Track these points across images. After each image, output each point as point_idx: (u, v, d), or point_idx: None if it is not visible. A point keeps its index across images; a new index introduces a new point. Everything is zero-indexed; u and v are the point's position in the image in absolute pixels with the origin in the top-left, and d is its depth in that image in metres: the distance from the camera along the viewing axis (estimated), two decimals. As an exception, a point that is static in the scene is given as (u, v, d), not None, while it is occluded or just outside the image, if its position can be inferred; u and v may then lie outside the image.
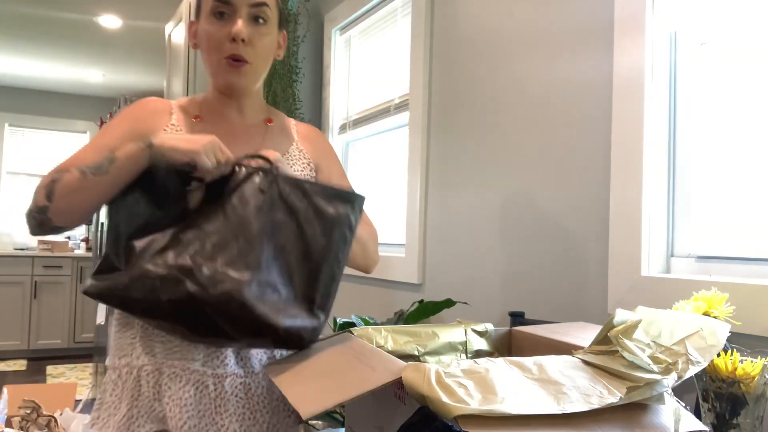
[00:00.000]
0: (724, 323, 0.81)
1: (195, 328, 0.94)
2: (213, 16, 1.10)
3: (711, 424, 0.83)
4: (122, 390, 1.05)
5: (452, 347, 1.01)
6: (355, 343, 0.89)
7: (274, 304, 0.94)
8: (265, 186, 0.98)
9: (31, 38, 4.70)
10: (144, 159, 0.98)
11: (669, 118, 1.36)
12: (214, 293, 0.91)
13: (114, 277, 0.96)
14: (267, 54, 1.14)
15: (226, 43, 1.09)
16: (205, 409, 1.03)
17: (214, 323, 0.92)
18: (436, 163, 2.06)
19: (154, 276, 0.93)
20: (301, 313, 0.96)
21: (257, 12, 1.10)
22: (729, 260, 1.24)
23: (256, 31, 1.11)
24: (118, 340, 1.09)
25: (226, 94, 1.17)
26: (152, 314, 0.95)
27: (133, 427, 1.02)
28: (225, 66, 1.10)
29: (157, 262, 0.94)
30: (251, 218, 0.96)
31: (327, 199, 1.00)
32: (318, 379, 0.77)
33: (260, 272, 0.94)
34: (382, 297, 2.35)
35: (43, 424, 1.29)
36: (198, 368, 1.04)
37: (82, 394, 4.33)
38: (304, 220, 0.99)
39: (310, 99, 2.96)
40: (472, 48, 1.92)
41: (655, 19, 1.35)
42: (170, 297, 0.91)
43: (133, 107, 1.16)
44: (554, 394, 0.64)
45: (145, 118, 1.13)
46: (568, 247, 1.53)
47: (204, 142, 0.96)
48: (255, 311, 0.92)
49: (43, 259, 5.61)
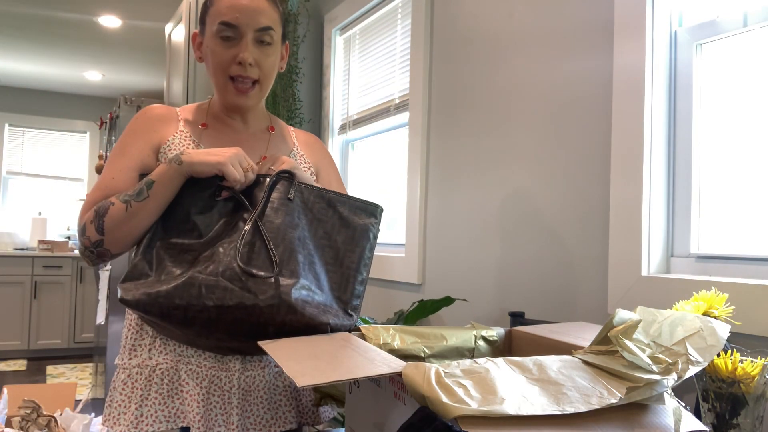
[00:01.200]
0: (724, 323, 0.81)
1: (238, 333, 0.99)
2: (219, 38, 1.12)
3: (711, 424, 0.83)
4: (132, 390, 1.08)
5: (460, 353, 1.00)
6: (353, 339, 0.89)
7: (317, 306, 1.01)
8: (291, 195, 1.05)
9: (31, 38, 4.70)
10: (178, 176, 1.04)
11: (669, 118, 1.36)
12: (264, 298, 0.97)
13: (149, 283, 1.00)
14: (272, 72, 1.18)
15: (233, 65, 1.12)
16: (216, 401, 1.07)
17: (262, 328, 0.98)
18: (436, 163, 2.06)
19: (200, 283, 0.97)
20: (339, 312, 1.04)
21: (263, 36, 1.13)
22: (729, 260, 1.24)
23: (262, 52, 1.14)
24: (130, 341, 1.12)
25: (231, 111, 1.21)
26: (193, 321, 0.98)
27: (142, 426, 1.05)
28: (232, 89, 1.14)
29: (202, 269, 0.99)
30: (286, 226, 1.03)
31: (352, 210, 1.09)
32: (315, 360, 0.77)
33: (301, 277, 1.01)
34: (382, 297, 2.35)
35: (43, 424, 1.29)
36: (213, 364, 1.08)
37: (82, 394, 4.33)
38: (331, 228, 1.07)
39: (310, 99, 2.96)
40: (472, 48, 1.92)
41: (655, 19, 1.35)
42: (217, 303, 0.97)
43: (139, 119, 1.18)
44: (554, 395, 0.64)
45: (155, 126, 1.16)
46: (568, 247, 1.53)
47: (229, 154, 1.03)
48: (305, 313, 0.99)
49: (43, 259, 5.61)
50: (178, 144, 1.15)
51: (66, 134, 6.46)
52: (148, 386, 1.07)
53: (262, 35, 1.13)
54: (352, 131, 2.69)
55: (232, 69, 1.12)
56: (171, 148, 1.14)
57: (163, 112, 1.19)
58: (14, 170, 6.20)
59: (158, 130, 1.16)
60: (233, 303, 0.97)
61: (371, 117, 2.55)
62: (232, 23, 1.11)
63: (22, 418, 1.28)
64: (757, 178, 1.22)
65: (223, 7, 1.11)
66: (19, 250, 5.69)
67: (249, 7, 1.11)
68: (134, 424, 1.05)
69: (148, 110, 1.19)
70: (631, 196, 1.35)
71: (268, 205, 1.04)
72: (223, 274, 0.98)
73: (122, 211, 1.04)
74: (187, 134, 1.16)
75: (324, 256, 1.06)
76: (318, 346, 0.86)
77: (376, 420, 0.83)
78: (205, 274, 0.98)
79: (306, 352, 0.82)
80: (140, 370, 1.08)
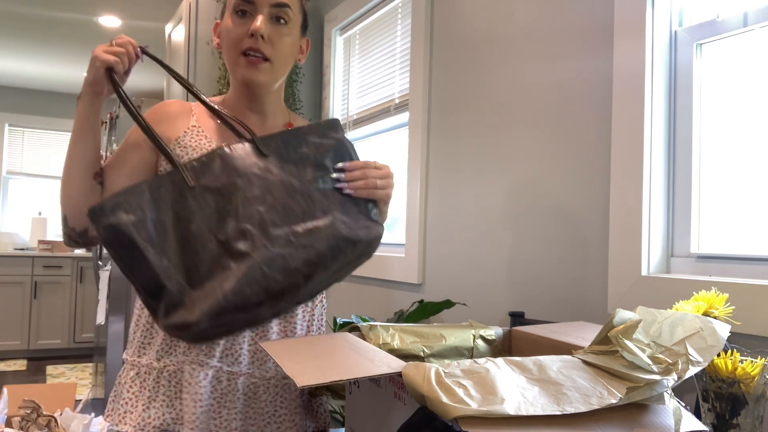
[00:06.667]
0: (724, 323, 0.81)
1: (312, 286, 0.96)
2: (235, 14, 1.11)
3: (711, 424, 0.83)
4: (140, 389, 1.07)
5: (459, 352, 1.00)
6: (353, 339, 0.89)
7: (358, 226, 1.00)
8: (265, 150, 1.02)
9: (31, 38, 4.69)
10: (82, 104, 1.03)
11: (669, 118, 1.36)
12: (322, 245, 0.95)
13: (200, 297, 0.89)
14: (287, 54, 1.14)
15: (245, 39, 1.09)
16: (214, 401, 1.06)
17: (336, 270, 0.98)
18: (436, 163, 2.06)
19: (261, 260, 0.91)
20: (370, 223, 1.04)
21: (278, 12, 1.11)
22: (729, 260, 1.24)
23: (277, 30, 1.11)
24: (139, 337, 1.11)
25: (245, 93, 1.16)
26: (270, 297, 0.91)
27: (148, 428, 1.04)
28: (243, 62, 1.11)
29: (247, 250, 0.92)
30: (283, 178, 1.00)
31: (318, 135, 1.06)
32: (315, 360, 0.77)
33: (330, 212, 0.99)
34: (382, 297, 2.34)
35: (43, 424, 1.28)
36: (215, 364, 1.06)
37: (82, 394, 4.33)
38: (317, 158, 1.04)
39: (310, 99, 2.96)
40: (472, 48, 1.92)
41: (655, 19, 1.35)
42: (296, 265, 0.92)
43: (151, 112, 1.16)
44: (554, 395, 0.64)
45: (163, 120, 1.14)
46: (568, 247, 1.53)
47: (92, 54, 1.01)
48: (361, 240, 0.99)
49: (43, 259, 5.61)
50: (190, 140, 1.12)
51: (66, 134, 6.44)
52: (156, 387, 1.06)
53: (278, 11, 1.11)
54: (352, 131, 2.69)
55: (243, 42, 1.10)
56: (181, 144, 1.11)
57: (176, 108, 1.16)
58: (14, 170, 6.20)
59: (166, 124, 1.13)
60: (310, 257, 0.93)
61: (371, 117, 2.55)
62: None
63: (22, 418, 1.27)
64: (757, 178, 1.22)
65: None
66: (19, 250, 5.70)
67: None
68: (141, 426, 1.04)
69: (162, 105, 1.17)
70: (631, 195, 1.35)
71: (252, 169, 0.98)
72: (279, 240, 0.93)
73: (63, 171, 1.06)
74: (200, 129, 1.14)
75: (329, 184, 1.03)
76: (318, 346, 0.86)
77: (376, 420, 0.83)
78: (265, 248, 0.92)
79: (306, 352, 0.82)
80: (149, 370, 1.08)
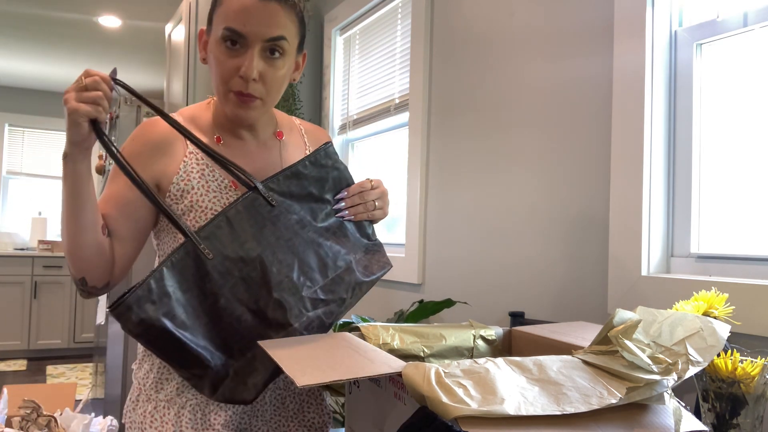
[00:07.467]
0: (724, 323, 0.81)
1: None
2: (224, 43, 0.99)
3: (711, 424, 0.83)
4: (162, 423, 1.04)
5: (459, 352, 1.00)
6: (353, 339, 0.89)
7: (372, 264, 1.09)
8: (272, 200, 1.02)
9: (31, 38, 4.69)
10: (68, 164, 0.92)
11: (669, 118, 1.36)
12: (347, 293, 1.05)
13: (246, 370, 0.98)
14: (279, 87, 1.04)
15: (235, 77, 0.99)
16: (244, 413, 1.07)
17: None
18: (436, 163, 2.06)
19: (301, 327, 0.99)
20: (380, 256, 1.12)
21: (273, 45, 0.99)
22: (729, 260, 1.24)
23: (271, 64, 1.00)
24: (156, 373, 1.07)
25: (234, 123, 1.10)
26: None
27: None
28: (233, 99, 1.01)
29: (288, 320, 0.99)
30: (297, 231, 1.03)
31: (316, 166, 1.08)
32: (315, 360, 0.77)
33: (343, 257, 1.06)
34: (382, 297, 2.35)
35: (43, 424, 1.28)
36: None
37: (82, 394, 4.33)
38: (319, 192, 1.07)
39: (310, 99, 2.96)
40: (472, 48, 1.92)
41: (655, 19, 1.35)
42: (330, 321, 1.04)
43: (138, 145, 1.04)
44: (554, 395, 0.64)
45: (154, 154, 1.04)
46: (568, 247, 1.53)
47: (67, 106, 0.88)
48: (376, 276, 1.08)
49: (43, 259, 5.61)
50: (191, 170, 1.04)
51: (66, 134, 6.45)
52: (179, 421, 1.03)
53: (272, 45, 0.99)
54: (352, 131, 2.69)
55: (233, 83, 0.99)
56: (184, 179, 1.03)
57: (164, 134, 1.05)
58: (14, 170, 6.20)
59: (158, 161, 1.03)
60: None
61: (371, 117, 2.55)
62: (238, 31, 0.97)
63: (22, 418, 1.27)
64: (757, 178, 1.22)
65: (232, 10, 0.97)
66: (19, 250, 5.70)
67: (260, 13, 0.97)
68: None
69: (146, 133, 1.05)
70: (631, 195, 1.35)
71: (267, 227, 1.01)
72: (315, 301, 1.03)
73: (67, 239, 0.95)
74: (197, 155, 1.05)
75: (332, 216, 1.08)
76: (318, 346, 0.86)
77: (376, 420, 0.83)
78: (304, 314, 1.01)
79: (306, 352, 0.81)
80: (168, 405, 1.04)
